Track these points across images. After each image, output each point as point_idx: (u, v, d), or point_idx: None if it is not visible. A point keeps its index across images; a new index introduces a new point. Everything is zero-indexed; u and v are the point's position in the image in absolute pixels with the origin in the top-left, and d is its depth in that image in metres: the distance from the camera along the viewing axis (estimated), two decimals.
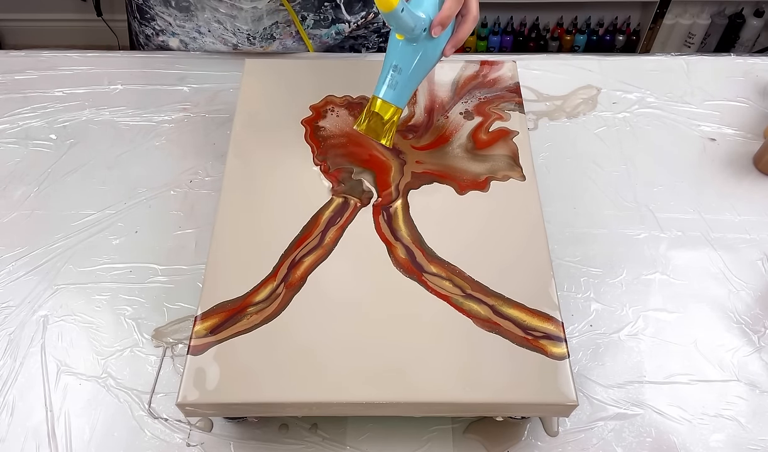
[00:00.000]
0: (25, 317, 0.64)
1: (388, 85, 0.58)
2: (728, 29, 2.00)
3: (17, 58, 0.88)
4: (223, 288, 0.55)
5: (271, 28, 0.83)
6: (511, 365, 0.51)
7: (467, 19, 0.59)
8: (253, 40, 0.84)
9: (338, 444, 0.57)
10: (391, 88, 0.58)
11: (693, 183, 0.76)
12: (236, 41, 0.84)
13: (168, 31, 0.85)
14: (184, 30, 0.85)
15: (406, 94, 0.59)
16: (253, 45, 0.84)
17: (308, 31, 0.85)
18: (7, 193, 0.74)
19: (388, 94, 0.59)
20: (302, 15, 0.83)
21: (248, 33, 0.83)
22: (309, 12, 0.83)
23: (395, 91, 0.58)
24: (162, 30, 0.85)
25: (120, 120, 0.81)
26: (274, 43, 0.85)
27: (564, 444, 0.57)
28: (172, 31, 0.85)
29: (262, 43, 0.84)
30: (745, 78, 0.87)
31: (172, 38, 0.86)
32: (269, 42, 0.84)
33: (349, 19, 0.86)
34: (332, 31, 0.86)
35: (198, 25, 0.83)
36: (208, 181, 0.75)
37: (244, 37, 0.83)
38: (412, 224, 0.60)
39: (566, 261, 0.68)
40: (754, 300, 0.66)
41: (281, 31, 0.83)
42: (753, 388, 0.60)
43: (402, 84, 0.58)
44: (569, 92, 0.85)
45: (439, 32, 0.57)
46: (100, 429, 0.57)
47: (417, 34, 0.56)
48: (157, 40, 0.87)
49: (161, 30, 0.85)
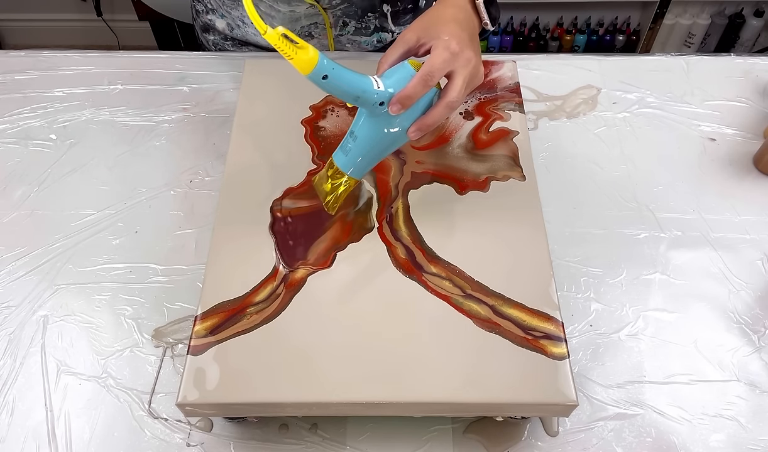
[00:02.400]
0: (25, 317, 0.64)
1: (341, 148, 0.55)
2: (728, 29, 2.00)
3: (17, 58, 0.88)
4: (223, 288, 0.55)
5: (309, 28, 0.82)
6: (511, 365, 0.51)
7: (440, 104, 0.52)
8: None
9: (338, 444, 0.57)
10: (344, 153, 0.54)
11: (693, 183, 0.76)
12: None
13: (218, 11, 0.85)
14: (230, 15, 0.85)
15: (359, 165, 0.55)
16: None
17: (348, 37, 0.84)
18: (7, 193, 0.74)
19: (339, 159, 0.55)
20: (344, 21, 0.82)
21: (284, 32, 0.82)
22: (351, 19, 0.82)
23: (347, 157, 0.54)
24: (213, 9, 0.85)
25: (120, 120, 0.81)
26: (312, 41, 0.84)
27: (564, 444, 0.57)
28: (221, 12, 0.85)
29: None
30: (745, 78, 0.87)
31: (220, 20, 0.86)
32: (307, 39, 0.84)
33: (394, 30, 0.86)
34: (374, 39, 0.86)
35: (243, 15, 0.84)
36: (208, 181, 0.75)
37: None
38: (412, 224, 0.60)
39: (566, 261, 0.68)
40: (754, 300, 0.66)
41: (320, 31, 0.83)
42: (753, 388, 0.60)
43: (355, 153, 0.54)
44: (569, 92, 0.85)
45: (397, 111, 0.50)
46: (100, 429, 0.57)
47: (370, 107, 0.51)
48: (205, 17, 0.87)
49: (212, 9, 0.86)
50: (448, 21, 0.53)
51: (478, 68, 0.53)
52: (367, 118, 0.53)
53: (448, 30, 0.52)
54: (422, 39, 0.53)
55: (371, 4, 0.81)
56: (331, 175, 0.56)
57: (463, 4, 0.56)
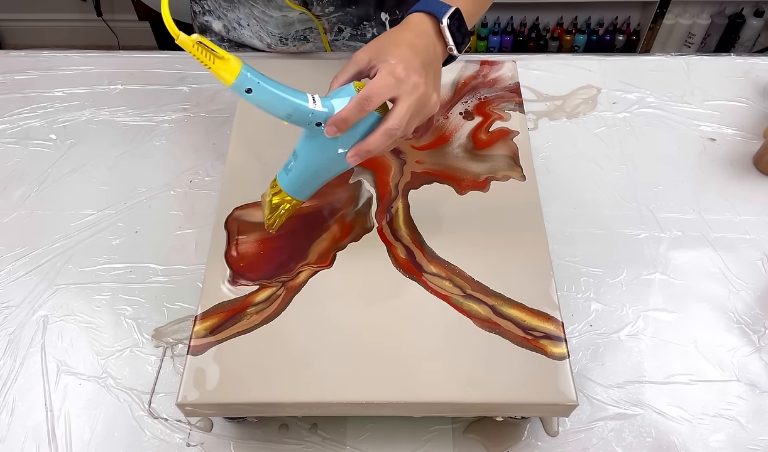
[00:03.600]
0: (25, 317, 0.64)
1: (284, 167, 0.53)
2: (728, 29, 1.99)
3: (17, 58, 0.88)
4: (223, 289, 0.55)
5: (304, 32, 0.82)
6: (511, 365, 0.51)
7: (379, 130, 0.48)
8: (286, 41, 0.83)
9: (338, 444, 0.57)
10: (285, 172, 0.53)
11: (693, 183, 0.76)
12: (270, 41, 0.83)
13: (215, 13, 0.85)
14: (227, 18, 0.85)
15: (302, 187, 0.53)
16: (285, 45, 0.84)
17: (344, 42, 0.84)
18: (7, 193, 0.74)
19: (282, 178, 0.53)
20: (339, 27, 0.82)
21: (280, 36, 0.82)
22: (347, 25, 0.82)
23: (288, 177, 0.53)
24: (210, 10, 0.85)
25: (120, 120, 0.81)
26: (308, 44, 0.84)
27: (564, 444, 0.57)
28: (218, 14, 0.85)
29: (295, 43, 0.84)
30: (745, 78, 0.87)
31: (217, 21, 0.86)
32: (302, 42, 0.84)
33: None
34: None
35: (239, 17, 0.84)
36: (208, 181, 0.75)
37: (276, 39, 0.83)
38: (412, 224, 0.60)
39: (566, 261, 0.68)
40: (754, 300, 0.66)
41: (315, 36, 0.83)
42: (753, 388, 0.60)
43: (296, 173, 0.52)
44: (569, 92, 0.85)
45: (332, 134, 0.48)
46: (100, 429, 0.57)
47: (306, 126, 0.49)
48: (202, 18, 0.87)
49: (209, 10, 0.85)
50: (401, 44, 0.51)
51: (427, 97, 0.50)
52: (306, 137, 0.51)
53: (398, 53, 0.50)
54: (373, 61, 0.51)
55: (366, 13, 0.81)
56: (275, 194, 0.54)
57: (425, 28, 0.53)
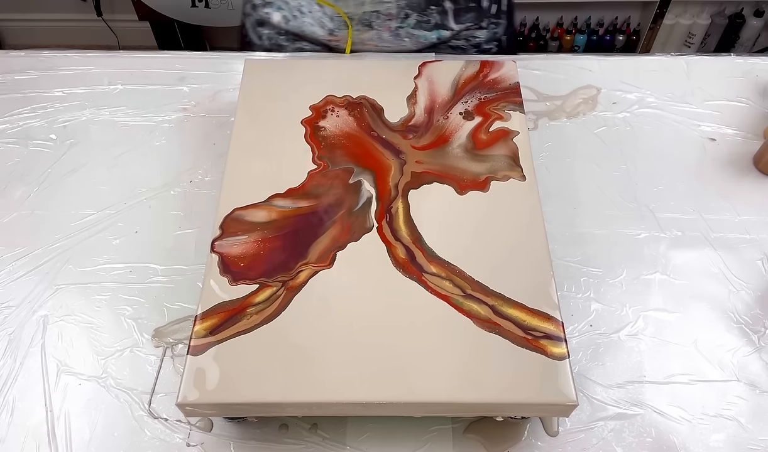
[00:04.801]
0: (25, 317, 0.64)
1: None
2: (728, 29, 2.00)
3: (17, 58, 0.88)
4: (224, 289, 0.55)
5: (371, 15, 0.82)
6: (511, 365, 0.51)
7: None
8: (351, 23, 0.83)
9: (338, 444, 0.57)
10: None
11: (693, 183, 0.76)
12: (333, 26, 0.83)
13: (275, 3, 0.85)
14: (288, 6, 0.85)
15: None
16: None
17: (408, 30, 0.84)
18: (7, 193, 0.74)
19: None
20: (405, 12, 0.82)
21: (348, 15, 0.82)
22: (414, 11, 0.82)
23: None
24: (270, 2, 0.86)
25: (120, 120, 0.81)
26: (371, 32, 0.84)
27: (564, 444, 0.57)
28: (278, 5, 0.85)
29: (358, 27, 0.83)
30: (745, 78, 0.87)
31: (276, 12, 0.86)
32: (366, 29, 0.84)
33: (454, 28, 0.86)
34: (434, 36, 0.85)
35: (300, 4, 0.84)
36: (208, 181, 0.75)
37: (341, 21, 0.83)
38: (412, 224, 0.60)
39: (566, 261, 0.68)
40: (754, 300, 0.66)
41: (381, 23, 0.83)
42: (753, 388, 0.60)
43: None
44: (569, 92, 0.85)
45: None
46: (100, 429, 0.57)
47: None
48: (262, 11, 0.87)
49: (269, 2, 0.86)
50: None
51: None
52: None
53: None
54: None
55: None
56: None
57: None
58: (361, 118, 0.69)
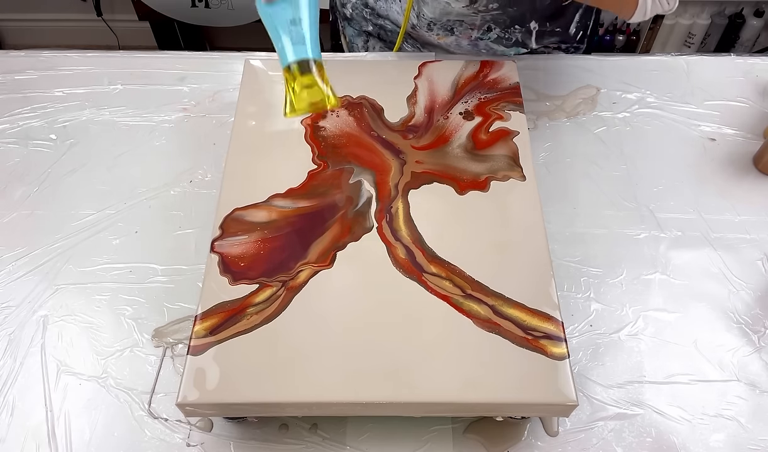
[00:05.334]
0: (25, 317, 0.64)
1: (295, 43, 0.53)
2: (728, 29, 1.99)
3: (17, 58, 0.88)
4: (224, 289, 0.55)
5: (454, 23, 0.82)
6: (511, 365, 0.51)
7: None
8: (432, 27, 0.83)
9: (338, 444, 0.57)
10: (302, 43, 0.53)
11: (693, 183, 0.76)
12: (416, 22, 0.83)
13: None
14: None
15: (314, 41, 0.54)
16: (431, 31, 0.83)
17: (487, 43, 0.84)
18: (7, 193, 0.74)
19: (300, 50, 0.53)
20: (489, 26, 0.82)
21: (430, 19, 0.82)
22: (498, 26, 0.82)
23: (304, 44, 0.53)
24: None
25: (120, 120, 0.81)
26: (451, 37, 0.84)
27: (564, 444, 0.57)
28: None
29: (439, 32, 0.83)
30: (745, 78, 0.87)
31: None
32: (447, 33, 0.83)
33: (534, 47, 0.86)
34: (511, 52, 0.85)
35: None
36: (208, 181, 0.75)
37: (425, 22, 0.83)
38: (412, 224, 0.60)
39: (566, 261, 0.68)
40: (754, 300, 0.66)
41: (462, 30, 0.83)
42: (753, 388, 0.60)
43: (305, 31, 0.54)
44: (569, 92, 0.85)
45: None
46: (100, 429, 0.57)
47: None
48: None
49: None
50: None
51: None
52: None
53: None
54: None
55: (521, 17, 0.81)
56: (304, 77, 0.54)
57: None
58: (361, 118, 0.69)
